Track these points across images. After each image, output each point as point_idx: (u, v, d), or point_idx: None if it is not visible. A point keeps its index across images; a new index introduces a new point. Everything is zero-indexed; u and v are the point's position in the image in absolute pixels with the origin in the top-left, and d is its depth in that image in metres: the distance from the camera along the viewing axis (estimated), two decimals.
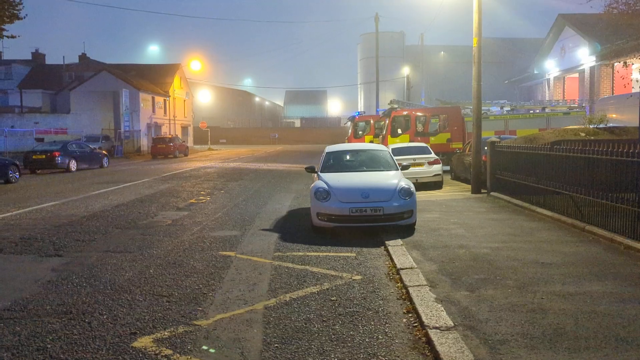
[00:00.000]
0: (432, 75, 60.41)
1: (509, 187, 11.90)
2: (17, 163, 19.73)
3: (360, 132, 27.27)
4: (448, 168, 18.43)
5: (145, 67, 52.26)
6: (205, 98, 68.75)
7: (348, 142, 25.67)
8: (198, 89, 65.95)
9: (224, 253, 7.48)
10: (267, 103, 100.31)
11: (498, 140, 13.80)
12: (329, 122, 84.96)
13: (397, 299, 5.43)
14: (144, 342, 4.37)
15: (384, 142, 21.21)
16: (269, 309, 5.14)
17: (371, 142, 24.13)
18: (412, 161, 14.29)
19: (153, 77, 49.68)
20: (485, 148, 13.55)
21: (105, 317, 4.94)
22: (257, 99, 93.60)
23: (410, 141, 20.49)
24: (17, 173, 19.11)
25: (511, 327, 4.38)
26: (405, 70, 52.64)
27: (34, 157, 23.72)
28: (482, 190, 13.43)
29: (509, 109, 24.43)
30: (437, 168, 15.20)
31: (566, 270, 6.08)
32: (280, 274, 6.38)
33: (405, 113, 23.18)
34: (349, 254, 7.32)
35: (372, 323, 4.74)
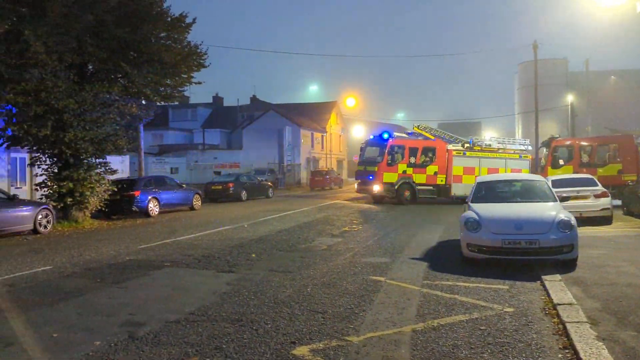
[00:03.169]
0: (600, 103, 54.63)
1: None
2: (200, 193, 22.80)
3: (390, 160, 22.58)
4: (619, 202, 16.58)
5: (305, 105, 56.53)
6: (359, 133, 71.10)
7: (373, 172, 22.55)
8: (352, 125, 68.63)
9: (374, 278, 7.83)
10: None
11: None
12: None
13: (553, 334, 5.20)
14: (302, 350, 4.86)
15: (543, 173, 19.90)
16: (416, 332, 5.31)
17: (404, 172, 22.40)
18: (575, 193, 13.23)
19: (312, 114, 53.42)
20: None
21: (269, 326, 5.60)
22: None
23: (573, 172, 18.93)
24: (200, 202, 22.07)
25: None
26: (569, 98, 48.54)
27: (212, 187, 27.09)
28: None
29: None
30: (606, 201, 13.81)
31: None
32: (428, 300, 6.50)
33: (568, 143, 21.54)
34: (500, 287, 7.14)
35: (524, 355, 4.63)
